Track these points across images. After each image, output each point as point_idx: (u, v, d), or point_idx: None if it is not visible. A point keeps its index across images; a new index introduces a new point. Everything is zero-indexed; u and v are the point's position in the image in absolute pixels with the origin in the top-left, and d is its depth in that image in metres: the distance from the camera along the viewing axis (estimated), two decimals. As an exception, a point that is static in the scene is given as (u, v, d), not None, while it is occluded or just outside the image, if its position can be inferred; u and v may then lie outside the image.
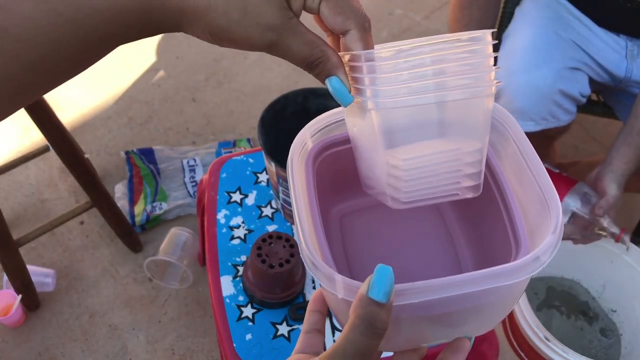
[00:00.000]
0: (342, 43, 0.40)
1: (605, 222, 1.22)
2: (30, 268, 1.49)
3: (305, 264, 0.40)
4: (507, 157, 0.47)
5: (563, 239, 0.42)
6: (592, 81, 1.35)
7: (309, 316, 0.44)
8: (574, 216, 1.23)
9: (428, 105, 0.40)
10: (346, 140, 0.49)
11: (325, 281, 0.39)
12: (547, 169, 0.44)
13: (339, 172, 0.50)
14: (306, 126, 0.49)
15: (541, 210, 0.42)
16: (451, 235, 0.53)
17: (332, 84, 0.40)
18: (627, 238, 1.23)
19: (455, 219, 0.54)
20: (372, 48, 0.39)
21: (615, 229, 1.22)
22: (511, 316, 1.23)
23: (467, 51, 0.39)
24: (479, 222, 0.51)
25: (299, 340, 0.42)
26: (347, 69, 0.40)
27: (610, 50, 1.33)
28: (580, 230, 1.24)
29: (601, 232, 1.24)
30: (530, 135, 1.43)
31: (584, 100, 1.33)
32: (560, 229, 0.40)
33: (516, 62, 1.28)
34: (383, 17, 2.39)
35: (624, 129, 1.23)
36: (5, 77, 0.34)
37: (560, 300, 1.42)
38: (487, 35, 0.40)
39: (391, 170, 0.43)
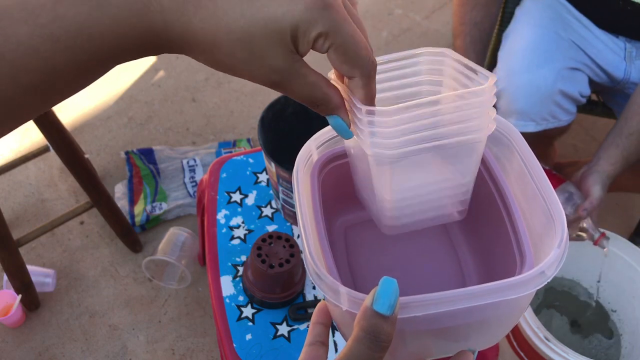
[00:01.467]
0: (345, 82, 0.41)
1: (587, 224, 1.22)
2: (30, 268, 1.49)
3: (309, 276, 0.40)
4: (512, 170, 0.47)
5: None
6: (591, 82, 1.35)
7: (312, 328, 0.43)
8: None
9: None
10: None
11: (329, 293, 0.39)
12: None
13: (344, 183, 0.50)
14: (312, 138, 0.49)
15: (546, 223, 0.41)
16: (455, 248, 0.53)
17: (333, 122, 0.41)
18: (605, 242, 1.23)
19: (460, 231, 0.54)
20: (374, 93, 0.40)
21: (595, 232, 1.22)
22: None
23: (466, 102, 0.40)
24: (483, 235, 0.51)
25: (302, 352, 0.42)
26: (349, 104, 0.41)
27: (610, 52, 1.33)
28: None
29: (581, 234, 1.23)
30: (531, 136, 1.41)
31: (583, 100, 1.33)
32: (565, 242, 0.40)
33: (517, 62, 1.28)
34: (383, 17, 2.39)
35: (613, 131, 1.23)
36: (2, 101, 0.33)
37: (560, 300, 1.42)
38: (491, 79, 0.40)
39: (381, 202, 0.44)
